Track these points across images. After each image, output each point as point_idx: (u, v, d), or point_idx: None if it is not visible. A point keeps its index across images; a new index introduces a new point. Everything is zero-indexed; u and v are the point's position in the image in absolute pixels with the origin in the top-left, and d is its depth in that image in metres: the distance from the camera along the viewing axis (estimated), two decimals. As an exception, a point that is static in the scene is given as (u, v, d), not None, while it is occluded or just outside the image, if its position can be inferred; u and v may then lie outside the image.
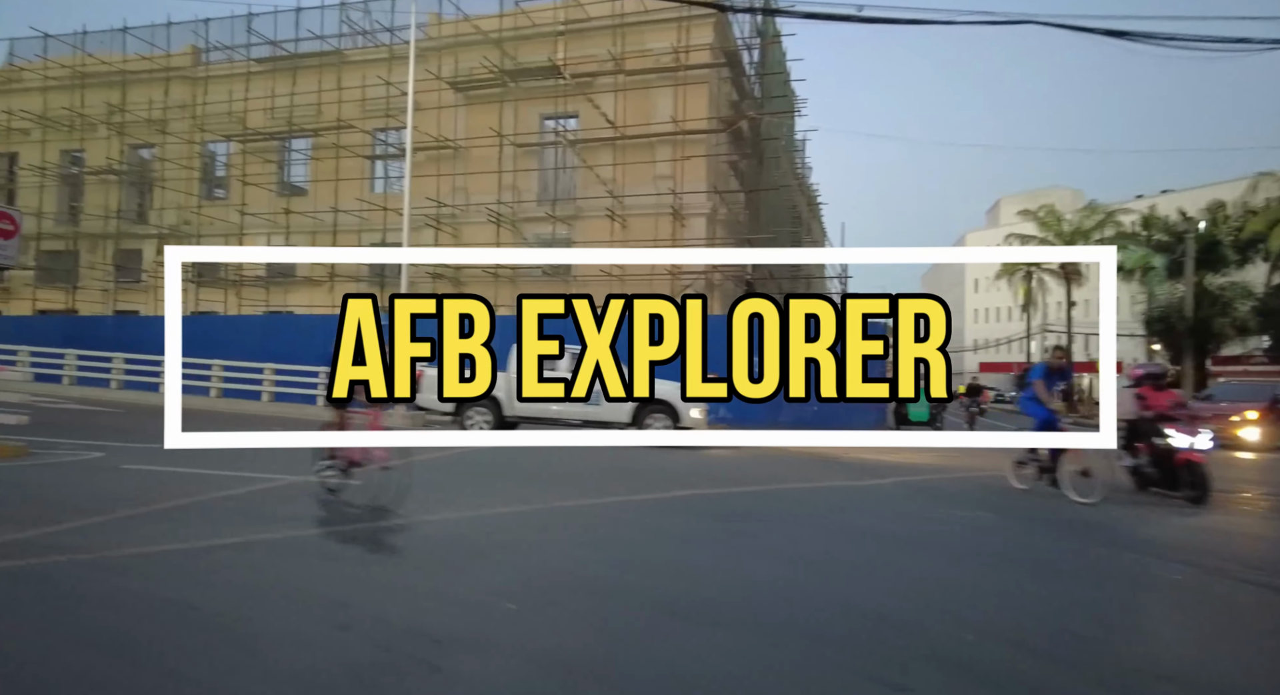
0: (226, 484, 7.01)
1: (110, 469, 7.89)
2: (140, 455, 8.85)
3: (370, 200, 23.53)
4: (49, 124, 26.27)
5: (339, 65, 24.11)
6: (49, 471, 7.73)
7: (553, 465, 9.69)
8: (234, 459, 8.79)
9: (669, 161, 21.11)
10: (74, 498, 6.31)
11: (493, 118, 22.35)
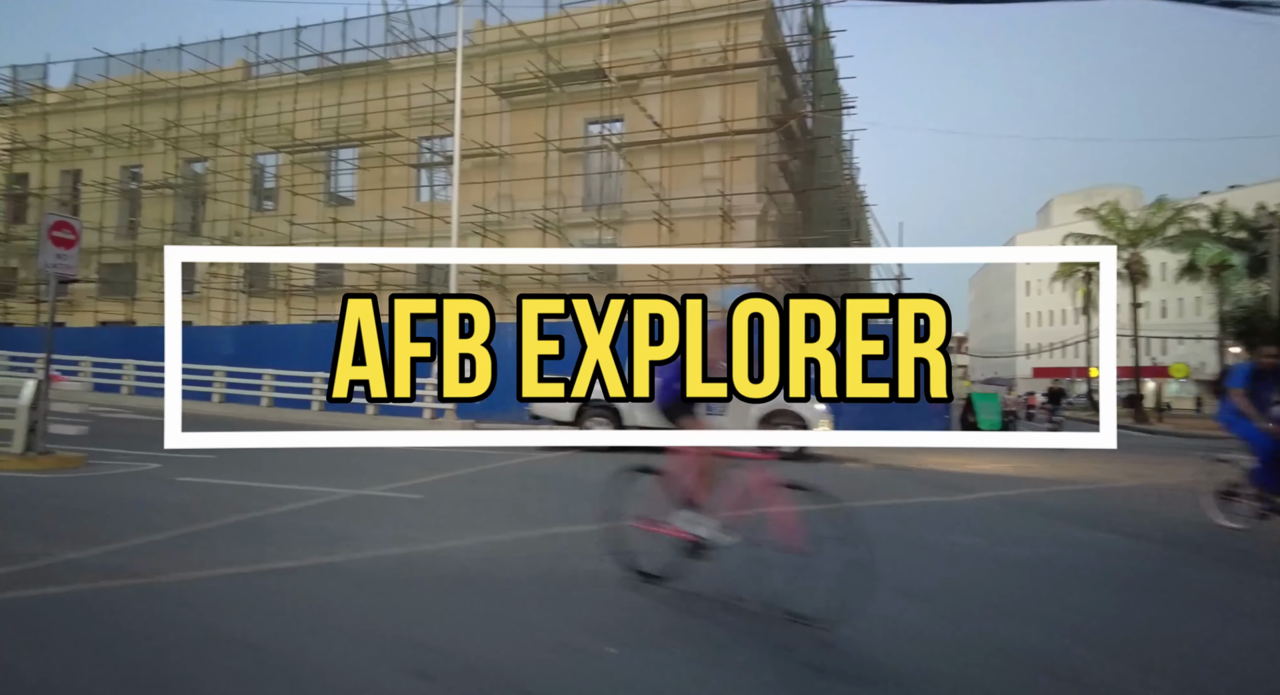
0: (280, 498, 6.68)
1: (165, 481, 7.66)
2: (195, 467, 8.64)
3: (417, 209, 23.51)
4: (110, 141, 26.98)
5: (384, 75, 24.22)
6: (105, 483, 7.54)
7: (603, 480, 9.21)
8: (285, 472, 8.52)
9: (717, 163, 20.58)
10: (129, 513, 6.05)
11: (537, 123, 22.13)
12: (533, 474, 9.43)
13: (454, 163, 17.12)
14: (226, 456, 9.94)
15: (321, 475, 8.41)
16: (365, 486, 7.52)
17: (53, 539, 5.03)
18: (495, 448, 11.88)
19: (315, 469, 9.01)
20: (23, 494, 6.77)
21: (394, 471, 8.96)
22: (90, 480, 7.68)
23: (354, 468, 9.34)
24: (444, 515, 6.28)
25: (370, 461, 10.04)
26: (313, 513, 6.20)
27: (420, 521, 5.99)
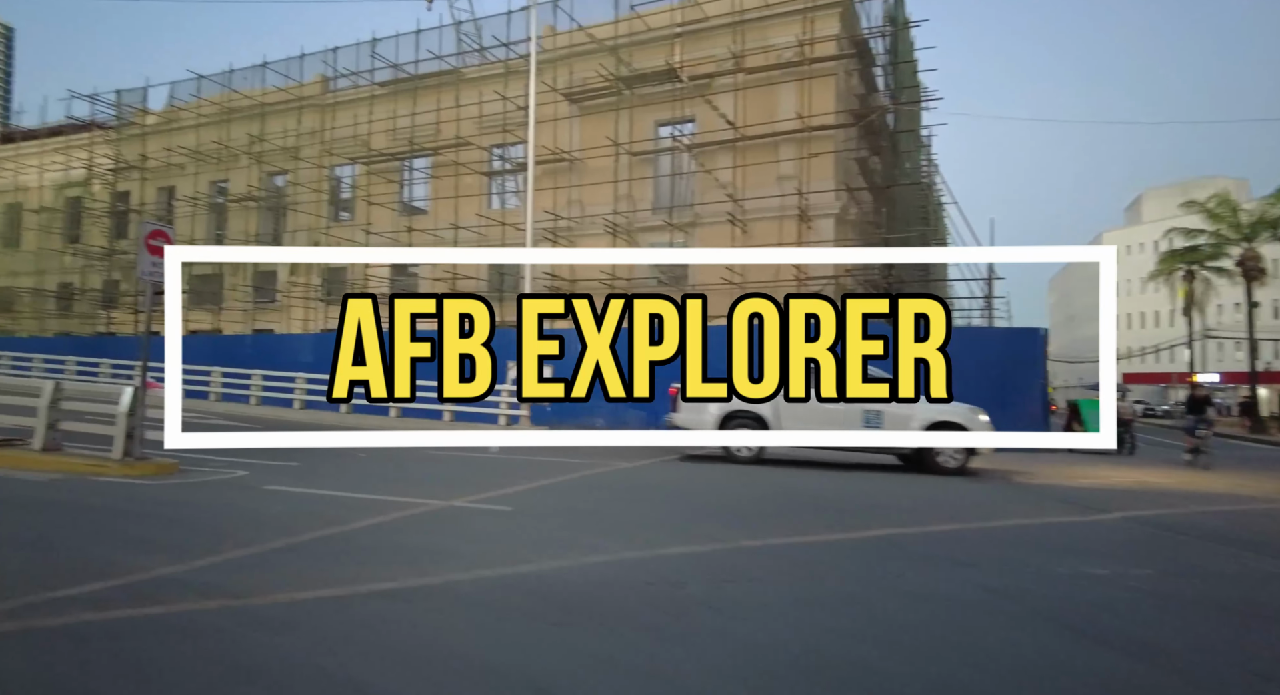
0: (368, 510, 6.43)
1: (254, 489, 7.56)
2: (281, 475, 8.57)
3: (489, 216, 23.61)
4: (200, 158, 28.22)
5: (456, 84, 24.47)
6: (198, 491, 7.49)
7: (707, 491, 8.69)
8: (371, 482, 8.35)
9: (793, 160, 19.87)
10: (222, 523, 5.89)
11: (607, 127, 21.89)
12: (623, 484, 9.00)
13: (529, 169, 16.94)
14: (311, 464, 9.90)
15: (406, 485, 8.19)
16: (452, 497, 7.23)
17: (150, 550, 4.87)
18: (576, 457, 11.52)
19: (400, 478, 8.83)
20: (122, 500, 6.75)
21: (479, 481, 8.69)
22: (184, 487, 7.65)
23: (438, 477, 9.12)
24: (540, 531, 5.89)
25: (453, 471, 9.82)
26: (404, 526, 5.91)
27: (516, 537, 5.62)
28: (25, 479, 7.85)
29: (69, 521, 5.82)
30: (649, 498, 7.95)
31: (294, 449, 11.57)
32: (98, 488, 7.44)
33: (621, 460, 11.36)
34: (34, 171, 32.06)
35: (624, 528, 6.14)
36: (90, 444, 9.56)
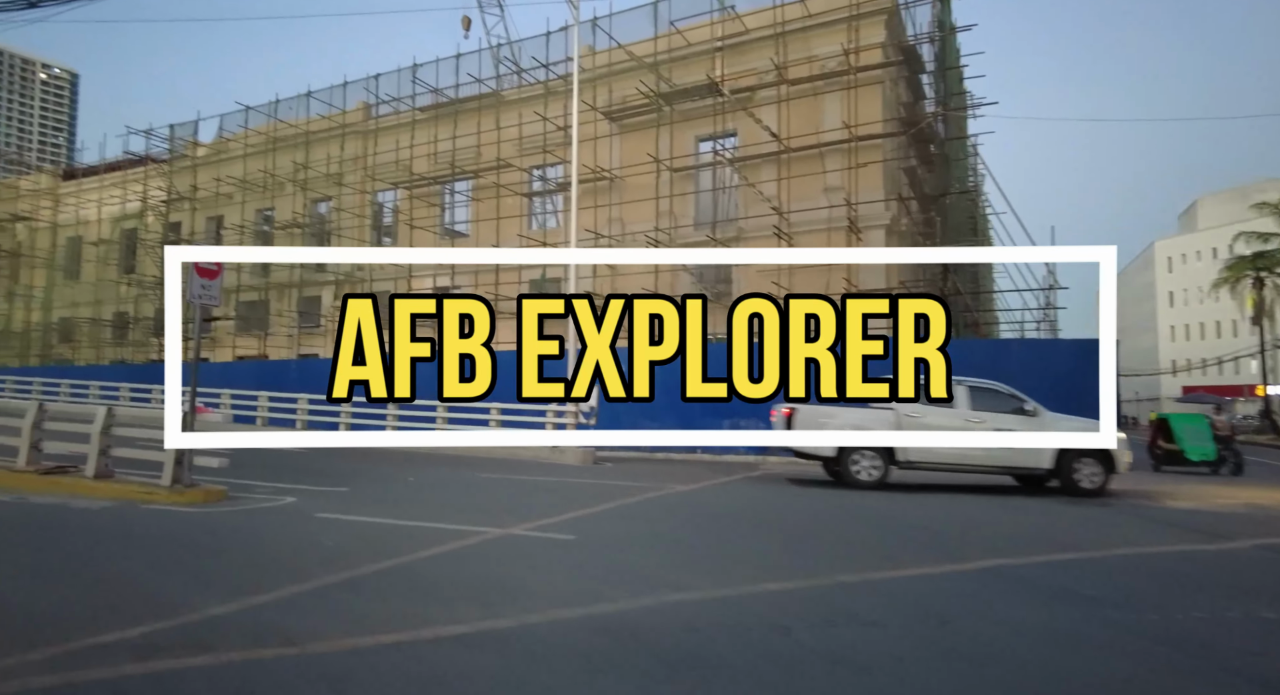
0: (425, 539, 6.03)
1: (304, 517, 7.23)
2: (331, 501, 8.26)
3: (530, 237, 23.49)
4: (247, 186, 28.81)
5: (496, 106, 24.57)
6: (246, 519, 7.19)
7: (791, 517, 8.11)
8: (422, 508, 7.98)
9: (840, 171, 19.32)
10: (274, 555, 5.55)
11: (648, 144, 21.64)
12: (695, 510, 8.46)
13: (573, 188, 16.71)
14: (360, 489, 9.60)
15: (461, 512, 7.80)
16: (510, 524, 6.80)
17: (202, 585, 4.53)
18: (639, 480, 11.02)
19: (454, 505, 8.46)
20: (171, 530, 6.47)
21: (531, 505, 8.26)
22: (234, 515, 7.37)
23: (492, 503, 8.71)
24: (611, 563, 5.40)
25: (508, 496, 9.40)
26: (465, 558, 5.48)
27: (587, 571, 5.14)
28: (78, 507, 7.67)
29: (120, 553, 5.53)
30: (727, 525, 7.39)
31: (343, 473, 11.31)
32: (148, 516, 7.20)
33: (687, 482, 10.83)
34: (93, 206, 33.15)
35: (705, 560, 5.60)
36: (140, 470, 9.40)
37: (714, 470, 13.68)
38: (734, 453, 17.75)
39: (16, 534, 6.26)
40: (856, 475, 10.54)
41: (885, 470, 10.51)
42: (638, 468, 14.09)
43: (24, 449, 9.67)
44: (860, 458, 10.56)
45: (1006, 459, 10.36)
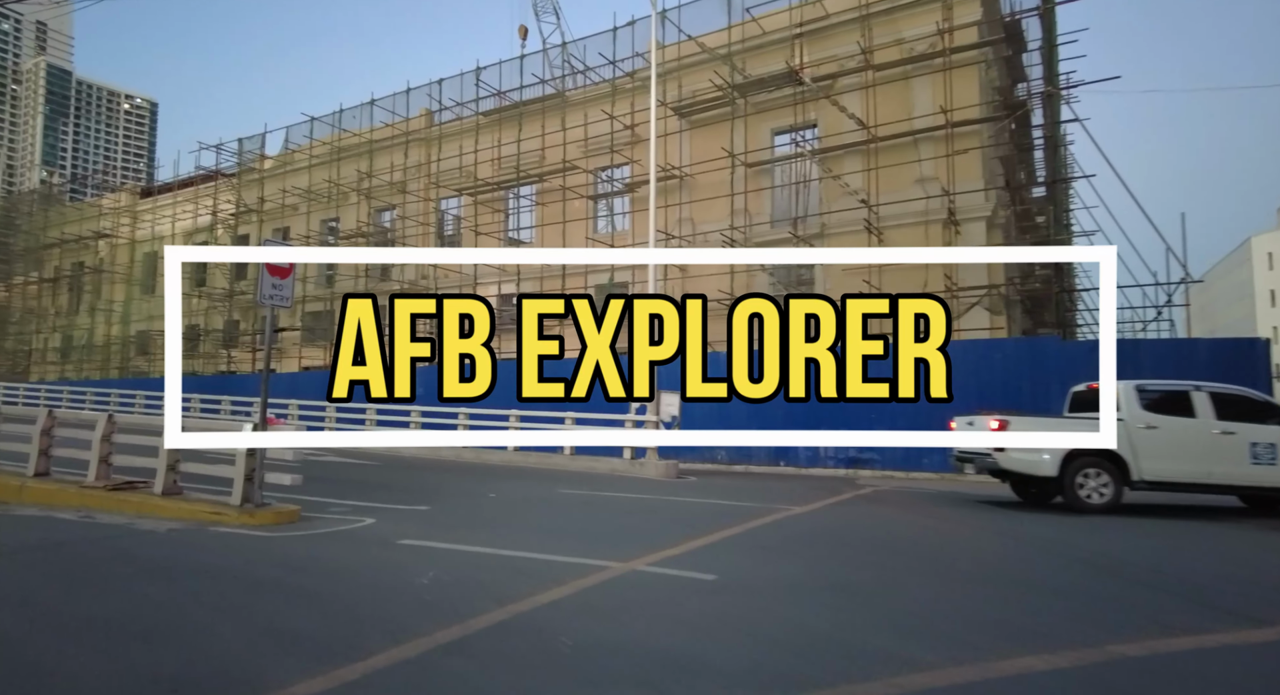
0: (537, 575, 4.99)
1: (387, 544, 6.30)
2: (413, 523, 7.35)
3: (597, 239, 22.63)
4: (312, 197, 28.88)
5: (561, 108, 23.87)
6: (325, 546, 6.29)
7: (965, 549, 6.80)
8: (522, 534, 6.97)
9: (935, 159, 17.81)
10: (362, 599, 4.58)
11: (720, 139, 20.55)
12: (826, 537, 7.22)
13: (651, 185, 15.72)
14: (440, 507, 8.70)
15: (561, 536, 6.76)
16: (628, 556, 5.71)
17: (279, 645, 3.57)
18: (745, 499, 9.83)
19: (549, 528, 7.43)
20: (243, 561, 5.61)
21: (640, 529, 7.17)
22: (310, 541, 6.49)
23: (591, 526, 7.66)
24: (788, 620, 4.21)
25: (604, 517, 8.33)
26: (596, 607, 4.40)
27: (761, 631, 3.96)
28: (145, 530, 6.94)
29: (186, 595, 4.66)
30: (901, 563, 6.04)
31: (418, 489, 10.47)
32: (217, 542, 6.39)
33: (799, 502, 9.58)
34: (168, 221, 33.91)
35: (911, 616, 4.31)
36: (209, 486, 8.72)
37: (814, 486, 12.38)
38: (820, 466, 16.43)
39: (76, 565, 5.48)
40: (1086, 498, 9.02)
41: (1118, 491, 9.00)
42: (726, 483, 12.90)
43: (94, 463, 9.11)
44: (1088, 477, 9.03)
45: (1263, 478, 8.85)
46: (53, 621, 4.10)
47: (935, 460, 15.32)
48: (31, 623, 4.08)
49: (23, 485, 9.05)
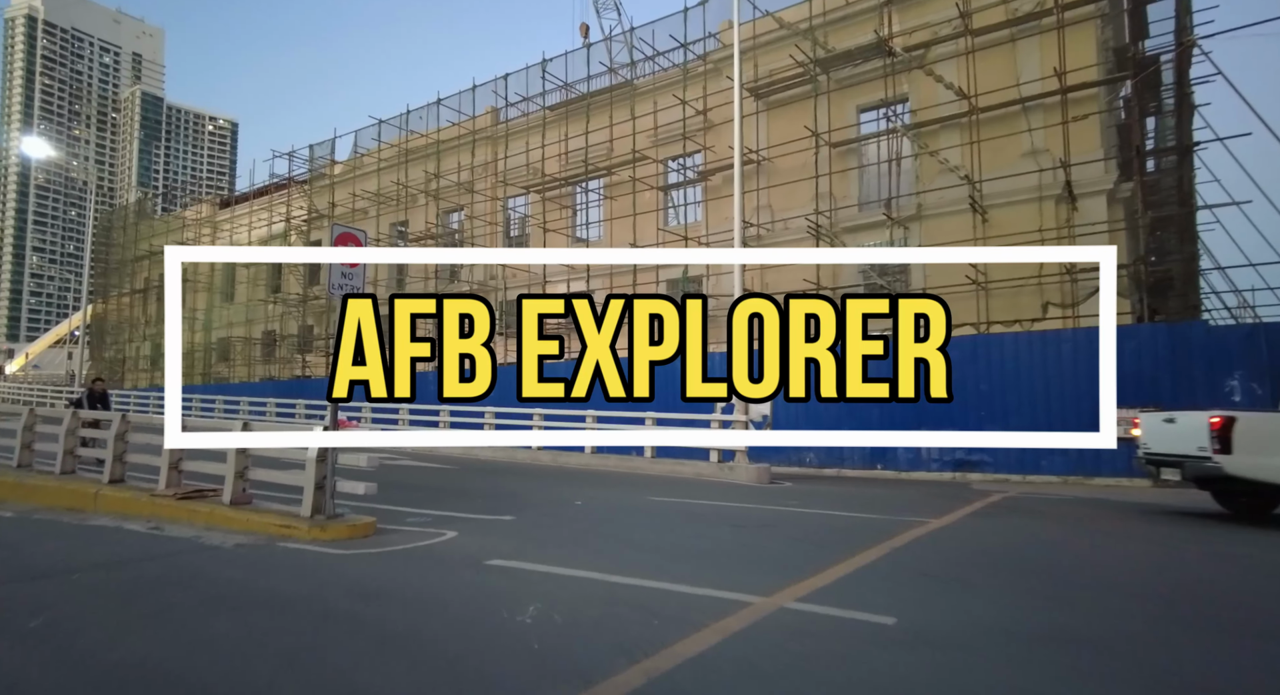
0: (666, 615, 3.97)
1: (476, 566, 5.41)
2: (500, 537, 6.47)
3: (671, 231, 21.61)
4: (381, 200, 28.89)
5: (630, 96, 22.97)
6: (403, 568, 5.46)
7: (1221, 587, 5.46)
8: (624, 553, 5.99)
9: (1046, 129, 16.06)
10: (453, 641, 3.66)
11: (801, 119, 19.20)
12: (1004, 562, 5.95)
13: (736, 171, 14.62)
14: (526, 518, 7.81)
15: (674, 557, 5.75)
16: (768, 587, 4.64)
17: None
18: (860, 510, 8.62)
19: (652, 543, 6.42)
20: (314, 586, 4.81)
21: (763, 549, 6.08)
22: (387, 562, 5.67)
23: (704, 543, 6.60)
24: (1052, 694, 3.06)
25: (708, 529, 7.26)
26: (757, 667, 3.34)
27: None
28: (211, 546, 6.29)
29: (248, 634, 3.85)
30: (1118, 600, 4.69)
31: (496, 495, 9.66)
32: (287, 562, 5.64)
33: (932, 513, 8.28)
34: (244, 230, 34.72)
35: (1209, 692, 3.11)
36: (280, 493, 8.11)
37: (929, 493, 11.01)
38: (923, 469, 14.93)
39: (135, 590, 4.79)
40: None
41: None
42: (828, 490, 11.66)
43: (164, 470, 8.63)
44: None
45: None
46: (89, 668, 3.33)
47: (1057, 463, 13.67)
48: (67, 668, 3.31)
49: (98, 493, 8.67)
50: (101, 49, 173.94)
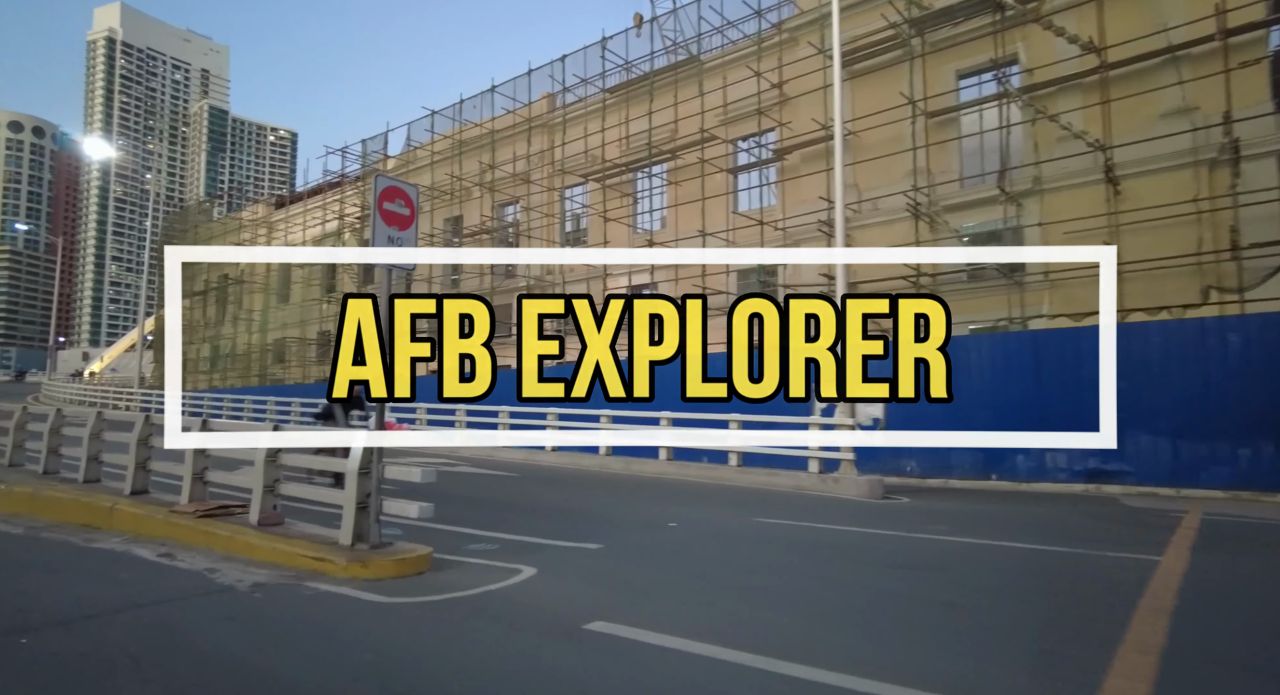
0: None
1: (569, 633, 3.80)
2: (588, 578, 4.89)
3: (747, 216, 19.79)
4: (435, 194, 27.88)
5: (698, 73, 21.25)
6: (465, 631, 3.87)
7: None
8: (776, 620, 4.27)
9: (1196, 82, 13.68)
10: None
11: (890, 89, 17.19)
12: None
13: (837, 148, 12.81)
14: (611, 543, 6.19)
15: (831, 621, 4.01)
16: (988, 686, 2.86)
17: None
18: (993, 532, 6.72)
19: (787, 594, 4.69)
20: (338, 676, 3.25)
21: (946, 602, 4.30)
22: (444, 617, 4.10)
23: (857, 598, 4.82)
24: None
25: (857, 571, 5.47)
26: None
27: None
28: (223, 587, 4.86)
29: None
30: None
31: (567, 513, 8.08)
32: (309, 620, 4.13)
33: (1133, 546, 6.31)
34: (299, 230, 34.32)
35: None
36: (316, 509, 6.72)
37: (1087, 514, 8.99)
38: (1049, 479, 12.76)
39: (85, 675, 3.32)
40: None
41: None
42: (956, 507, 9.73)
43: (186, 481, 7.36)
44: None
45: None
46: None
47: (1222, 474, 11.41)
48: None
49: (114, 507, 7.43)
50: (173, 66, 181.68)
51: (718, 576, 5.27)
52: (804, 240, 18.96)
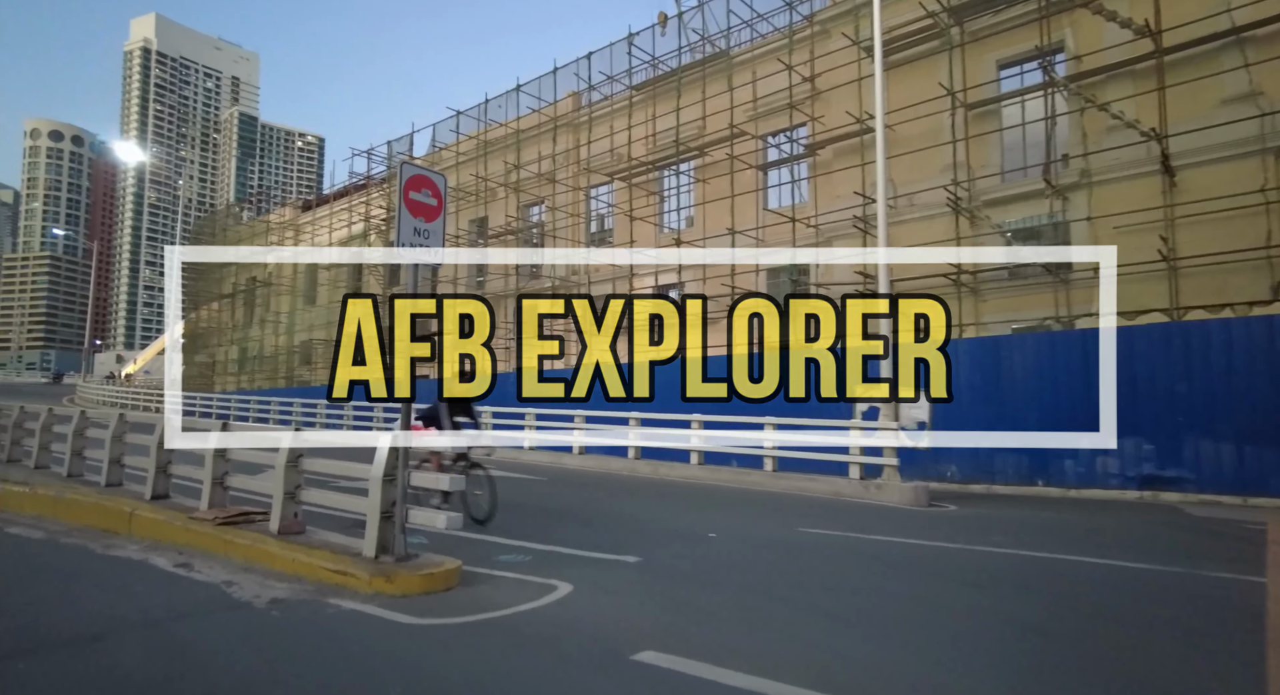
0: None
1: (614, 661, 3.39)
2: (628, 595, 4.47)
3: (780, 213, 19.27)
4: (460, 195, 27.73)
5: (727, 68, 20.79)
6: (499, 661, 3.48)
7: None
8: (848, 651, 3.80)
9: (1264, 64, 12.91)
10: None
11: (928, 80, 16.58)
12: None
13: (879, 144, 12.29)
14: (655, 563, 5.77)
15: (906, 647, 3.55)
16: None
17: None
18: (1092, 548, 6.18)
19: (853, 619, 4.22)
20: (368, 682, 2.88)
21: (1042, 629, 3.81)
22: (475, 642, 3.72)
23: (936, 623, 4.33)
24: None
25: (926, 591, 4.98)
26: None
27: None
28: (239, 602, 4.53)
29: None
30: None
31: (599, 520, 7.68)
32: (327, 641, 3.76)
33: (1230, 565, 5.73)
34: (325, 232, 34.44)
35: None
36: (338, 514, 6.41)
37: (1153, 522, 8.39)
38: (1099, 486, 12.08)
39: None
40: None
41: None
42: (1010, 516, 9.16)
43: (206, 487, 7.10)
44: None
45: None
46: None
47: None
48: None
49: (133, 512, 7.19)
50: (205, 74, 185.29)
51: (787, 596, 4.82)
52: (836, 237, 18.38)
